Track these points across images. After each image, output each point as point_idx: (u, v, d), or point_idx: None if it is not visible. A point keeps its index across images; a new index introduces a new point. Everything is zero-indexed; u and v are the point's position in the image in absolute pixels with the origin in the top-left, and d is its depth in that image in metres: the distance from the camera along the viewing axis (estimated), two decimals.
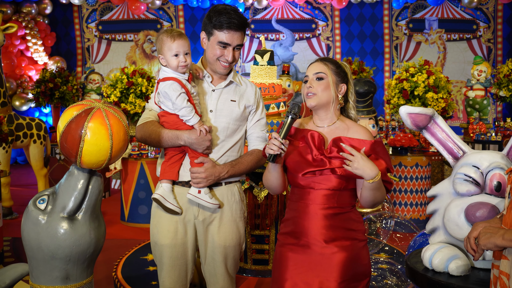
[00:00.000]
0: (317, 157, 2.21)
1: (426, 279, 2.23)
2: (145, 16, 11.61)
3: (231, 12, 2.55)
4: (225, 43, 2.55)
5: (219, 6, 2.60)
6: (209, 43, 2.60)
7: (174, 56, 2.51)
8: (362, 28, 11.45)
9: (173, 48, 2.51)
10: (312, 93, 2.28)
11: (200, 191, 2.58)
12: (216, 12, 2.56)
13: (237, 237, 2.70)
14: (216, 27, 2.54)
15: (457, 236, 2.27)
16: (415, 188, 5.97)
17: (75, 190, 2.25)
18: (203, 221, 2.65)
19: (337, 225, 2.22)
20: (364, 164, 2.09)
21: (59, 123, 2.24)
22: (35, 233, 2.23)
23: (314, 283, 2.21)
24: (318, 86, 2.27)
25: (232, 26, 2.53)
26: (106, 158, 2.21)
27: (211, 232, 2.66)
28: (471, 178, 2.27)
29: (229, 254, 2.67)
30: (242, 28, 2.58)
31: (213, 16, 2.55)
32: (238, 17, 2.55)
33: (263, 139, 2.74)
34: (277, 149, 2.14)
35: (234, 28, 2.53)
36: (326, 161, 2.19)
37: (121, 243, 5.28)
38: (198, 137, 2.53)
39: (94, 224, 2.30)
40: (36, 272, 2.28)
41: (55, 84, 8.86)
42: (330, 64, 2.32)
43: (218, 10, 2.57)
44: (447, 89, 6.34)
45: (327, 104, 2.28)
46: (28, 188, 8.56)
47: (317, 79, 2.29)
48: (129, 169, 6.22)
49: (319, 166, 2.20)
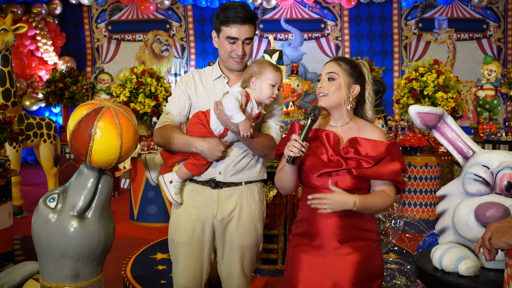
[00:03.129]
0: (333, 157, 2.21)
1: (435, 279, 2.22)
2: (154, 16, 11.64)
3: (237, 7, 2.54)
4: (233, 38, 2.54)
5: (227, 3, 2.60)
6: (219, 41, 2.61)
7: (271, 85, 2.49)
8: (371, 28, 11.41)
9: (273, 78, 2.48)
10: (323, 94, 2.27)
11: (171, 181, 2.62)
12: (223, 8, 2.57)
13: (255, 237, 2.69)
14: (223, 23, 2.55)
15: (467, 236, 2.26)
16: (425, 188, 5.94)
17: (85, 189, 2.26)
18: (221, 220, 2.64)
19: (351, 226, 2.22)
20: (338, 203, 2.10)
21: (69, 122, 2.25)
22: (45, 231, 2.24)
23: (328, 284, 2.20)
24: (329, 87, 2.26)
25: (238, 20, 2.52)
26: (116, 157, 2.22)
27: (229, 231, 2.65)
28: (481, 178, 2.25)
29: (246, 254, 2.67)
30: (250, 21, 2.56)
31: (220, 13, 2.56)
32: (244, 11, 2.54)
33: (276, 133, 2.70)
34: (297, 151, 2.13)
35: (240, 22, 2.52)
36: (342, 162, 2.19)
37: (130, 242, 5.30)
38: (210, 146, 2.52)
39: (104, 222, 2.30)
40: (46, 270, 2.29)
41: (65, 84, 8.91)
42: (344, 64, 2.30)
43: (224, 7, 2.57)
44: (457, 89, 6.31)
45: (338, 105, 2.27)
46: (38, 187, 8.61)
47: (328, 79, 2.28)
48: (139, 169, 6.24)
49: (335, 166, 2.19)
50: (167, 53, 11.73)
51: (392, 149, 2.21)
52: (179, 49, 11.72)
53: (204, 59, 11.43)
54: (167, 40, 11.72)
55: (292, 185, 2.31)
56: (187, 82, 2.70)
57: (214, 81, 2.68)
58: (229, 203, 2.64)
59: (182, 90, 2.68)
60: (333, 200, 2.09)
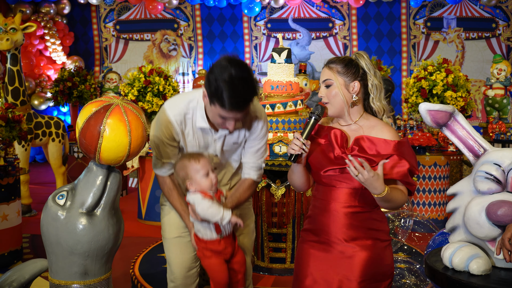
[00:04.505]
0: (338, 155, 2.20)
1: (446, 278, 2.20)
2: (162, 16, 11.65)
3: (236, 90, 2.26)
4: (226, 117, 2.37)
5: (226, 74, 2.24)
6: (209, 105, 2.37)
7: (205, 174, 2.47)
8: (379, 27, 11.36)
9: (200, 167, 2.46)
10: (325, 103, 2.27)
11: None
12: (222, 82, 2.25)
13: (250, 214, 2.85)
14: (217, 101, 2.29)
15: (478, 235, 2.24)
16: (434, 187, 5.91)
17: (94, 186, 2.26)
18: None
19: (358, 224, 2.20)
20: (370, 180, 2.03)
21: (78, 119, 2.25)
22: (54, 229, 2.25)
23: (334, 281, 2.20)
24: (328, 94, 2.25)
25: (234, 108, 2.29)
26: (125, 154, 2.22)
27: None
28: (492, 176, 2.23)
29: (243, 231, 2.79)
30: (247, 105, 2.35)
31: (216, 87, 2.27)
32: (242, 98, 2.29)
33: (258, 167, 2.69)
34: (298, 149, 2.14)
35: (236, 109, 2.31)
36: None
37: (138, 241, 5.31)
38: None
39: (113, 220, 2.31)
40: (55, 267, 2.29)
41: (74, 83, 8.95)
42: (335, 66, 2.25)
43: (224, 81, 2.25)
44: (466, 88, 6.27)
45: (341, 108, 2.25)
46: (46, 186, 8.65)
47: (325, 87, 2.27)
48: (146, 168, 6.25)
49: (341, 164, 2.18)
50: (175, 53, 11.74)
51: (401, 148, 2.17)
52: (187, 48, 11.73)
53: (212, 59, 11.44)
54: (175, 39, 11.73)
55: (301, 182, 2.32)
56: (174, 136, 2.56)
57: (200, 128, 2.55)
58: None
59: (171, 144, 2.58)
60: (368, 177, 2.02)
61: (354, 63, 2.26)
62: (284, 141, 3.79)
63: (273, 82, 3.89)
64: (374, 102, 2.27)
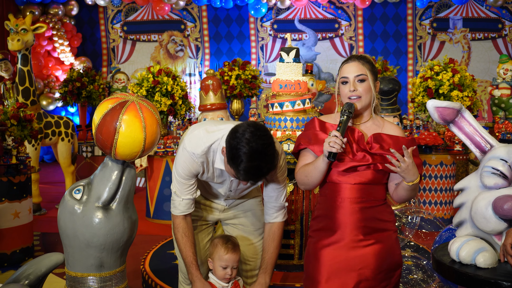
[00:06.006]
0: (358, 152, 2.26)
1: (453, 271, 2.24)
2: (169, 17, 11.72)
3: (253, 164, 2.26)
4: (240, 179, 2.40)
5: (247, 147, 2.24)
6: (226, 163, 2.40)
7: (223, 268, 2.58)
8: (385, 28, 11.39)
9: (223, 260, 2.57)
10: (356, 96, 2.29)
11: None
12: (242, 154, 2.25)
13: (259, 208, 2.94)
14: (234, 168, 2.31)
15: (484, 229, 2.28)
16: (440, 186, 5.94)
17: (110, 181, 2.32)
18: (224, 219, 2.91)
19: (371, 218, 2.27)
20: (411, 166, 2.14)
21: (94, 116, 2.31)
22: (71, 222, 2.31)
23: (353, 276, 2.23)
24: (361, 89, 2.29)
25: (248, 179, 2.34)
26: (140, 150, 2.28)
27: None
28: (499, 171, 2.28)
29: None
30: (262, 178, 2.41)
31: (235, 156, 2.27)
32: (258, 173, 2.30)
33: (281, 207, 2.75)
34: (339, 148, 2.16)
35: (250, 180, 2.36)
36: (368, 157, 2.24)
37: (147, 239, 5.37)
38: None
39: (128, 213, 2.37)
40: (72, 259, 2.36)
41: (82, 83, 9.02)
42: (367, 63, 2.33)
43: (244, 153, 2.25)
44: (472, 87, 6.30)
45: (369, 104, 2.33)
46: (55, 185, 8.72)
47: (359, 81, 2.30)
48: (155, 167, 6.32)
49: (361, 161, 2.25)
50: (182, 53, 11.80)
51: (413, 145, 2.26)
52: (193, 49, 11.79)
53: (219, 59, 11.49)
54: (182, 40, 11.80)
55: (318, 181, 2.31)
56: (195, 173, 2.60)
57: (219, 168, 2.59)
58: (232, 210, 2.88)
59: (192, 179, 2.61)
60: (410, 164, 2.14)
61: (374, 64, 2.37)
62: (292, 139, 3.85)
63: (281, 81, 3.94)
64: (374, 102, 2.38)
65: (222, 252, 2.53)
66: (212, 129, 2.54)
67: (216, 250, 2.57)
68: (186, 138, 2.55)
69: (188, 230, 2.62)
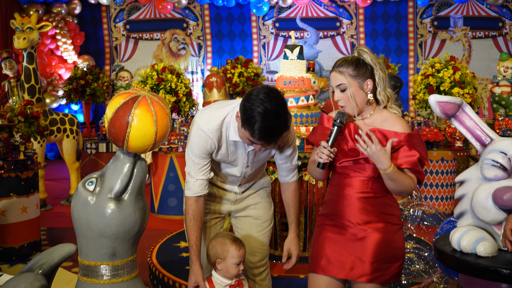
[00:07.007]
0: (351, 147, 2.34)
1: (454, 260, 2.31)
2: (171, 15, 11.80)
3: (268, 124, 2.31)
4: (254, 143, 2.46)
5: (261, 107, 2.29)
6: (240, 127, 2.44)
7: (236, 264, 2.57)
8: (387, 26, 11.46)
9: (237, 257, 2.57)
10: (342, 106, 2.37)
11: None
12: (256, 114, 2.30)
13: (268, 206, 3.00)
14: (248, 129, 2.36)
15: (484, 219, 2.35)
16: (441, 182, 6.02)
17: (122, 173, 2.39)
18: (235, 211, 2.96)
19: (371, 209, 2.36)
20: (378, 154, 2.19)
21: (106, 110, 2.39)
22: (85, 213, 2.38)
23: (348, 262, 2.35)
24: (344, 97, 2.35)
25: (262, 139, 2.38)
26: (151, 143, 2.35)
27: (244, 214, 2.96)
28: (499, 164, 2.34)
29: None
30: (276, 139, 2.44)
31: (250, 117, 2.32)
32: (273, 132, 2.35)
33: (294, 168, 2.83)
34: (326, 158, 2.29)
35: (264, 141, 2.40)
36: (359, 151, 2.31)
37: (152, 234, 5.43)
38: (192, 276, 2.62)
39: (139, 205, 2.44)
40: (85, 249, 2.43)
41: (86, 81, 9.10)
42: (346, 69, 2.33)
43: (258, 113, 2.29)
44: (473, 85, 6.38)
45: (358, 108, 2.37)
46: (59, 182, 8.80)
47: (340, 91, 2.36)
48: (159, 163, 6.39)
49: (353, 156, 2.33)
50: (184, 52, 11.88)
51: (412, 140, 2.32)
52: (196, 47, 11.87)
53: (221, 57, 11.56)
54: (184, 38, 11.87)
55: (323, 178, 2.51)
56: (209, 151, 2.63)
57: (233, 141, 2.63)
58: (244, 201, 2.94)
59: (206, 158, 2.64)
60: (376, 151, 2.19)
61: (361, 61, 2.34)
62: (297, 135, 3.92)
63: (285, 78, 4.01)
64: (381, 93, 2.39)
65: (234, 250, 2.55)
66: (220, 105, 2.64)
67: (225, 249, 2.56)
68: (198, 118, 2.62)
69: (198, 213, 2.65)
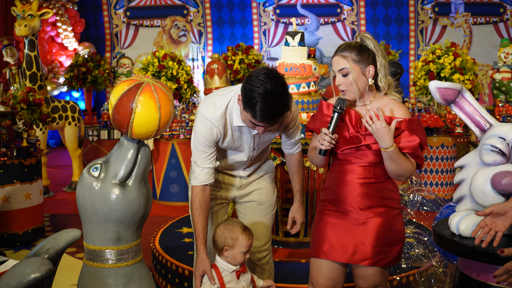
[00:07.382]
0: (353, 134, 2.38)
1: (453, 244, 2.35)
2: (171, 2, 11.77)
3: (269, 104, 2.33)
4: (256, 125, 2.48)
5: (261, 88, 2.31)
6: (242, 109, 2.46)
7: (243, 253, 2.57)
8: (388, 12, 11.43)
9: (246, 246, 2.56)
10: (343, 90, 2.39)
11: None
12: (257, 95, 2.33)
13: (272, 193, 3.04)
14: (250, 111, 2.39)
15: (483, 204, 2.39)
16: (441, 168, 6.06)
17: (126, 159, 2.43)
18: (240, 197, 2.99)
19: (373, 194, 2.40)
20: (382, 131, 2.22)
21: (110, 97, 2.42)
22: (90, 198, 2.42)
23: (350, 246, 2.39)
24: (346, 82, 2.37)
25: (264, 120, 2.40)
26: (155, 129, 2.38)
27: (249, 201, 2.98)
28: (498, 149, 2.37)
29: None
30: (277, 120, 2.45)
31: (251, 98, 2.35)
32: (274, 112, 2.36)
33: (297, 141, 2.86)
34: (328, 145, 2.31)
35: (266, 122, 2.42)
36: (361, 138, 2.35)
37: (154, 220, 5.48)
38: (198, 263, 2.61)
39: (143, 190, 2.48)
40: (91, 234, 2.47)
41: (88, 68, 9.11)
42: (349, 54, 2.35)
43: (259, 94, 2.32)
44: (474, 71, 6.39)
45: (359, 93, 2.39)
46: (61, 169, 8.85)
47: (343, 76, 2.37)
48: (161, 149, 6.43)
49: (355, 143, 2.37)
50: (185, 39, 11.86)
51: (412, 125, 2.35)
52: (196, 34, 11.85)
53: (221, 44, 11.55)
54: (185, 25, 11.85)
55: (323, 164, 2.53)
56: (216, 139, 2.66)
57: (238, 126, 2.65)
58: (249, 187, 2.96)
59: (212, 147, 2.67)
60: (380, 128, 2.22)
61: (364, 47, 2.37)
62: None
63: (287, 65, 4.03)
64: (382, 80, 2.42)
65: (244, 239, 2.56)
66: (222, 92, 2.69)
67: (235, 237, 2.55)
68: (202, 107, 2.66)
69: (204, 202, 2.67)
